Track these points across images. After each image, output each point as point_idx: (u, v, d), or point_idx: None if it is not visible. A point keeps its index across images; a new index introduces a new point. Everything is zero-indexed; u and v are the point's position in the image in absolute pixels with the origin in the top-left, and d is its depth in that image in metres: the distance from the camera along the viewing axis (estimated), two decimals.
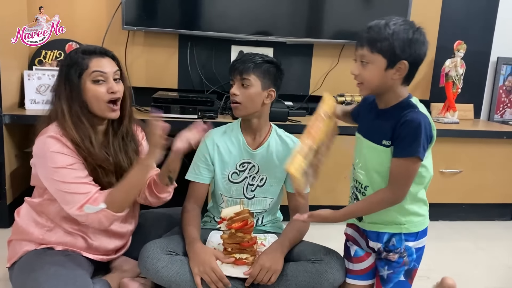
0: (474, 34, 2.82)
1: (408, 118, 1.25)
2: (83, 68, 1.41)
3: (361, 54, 1.28)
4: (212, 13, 2.46)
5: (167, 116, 2.23)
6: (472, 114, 2.92)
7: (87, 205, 1.36)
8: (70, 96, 1.41)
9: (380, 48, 1.23)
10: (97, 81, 1.42)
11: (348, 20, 2.56)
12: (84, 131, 1.42)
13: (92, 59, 1.43)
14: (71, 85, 1.41)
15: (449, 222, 2.54)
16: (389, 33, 1.22)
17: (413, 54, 1.23)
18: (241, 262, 1.48)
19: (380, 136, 1.31)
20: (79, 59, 1.42)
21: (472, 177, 2.50)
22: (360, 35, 1.29)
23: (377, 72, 1.26)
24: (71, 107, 1.41)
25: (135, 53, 2.49)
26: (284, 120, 2.35)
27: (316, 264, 1.47)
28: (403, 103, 1.30)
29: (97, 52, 1.45)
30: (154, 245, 1.49)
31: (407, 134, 1.24)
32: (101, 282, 1.48)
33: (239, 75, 1.57)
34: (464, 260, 2.14)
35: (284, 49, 2.59)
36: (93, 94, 1.42)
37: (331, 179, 2.25)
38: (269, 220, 1.75)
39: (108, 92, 1.43)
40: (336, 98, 2.57)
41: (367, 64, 1.27)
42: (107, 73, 1.44)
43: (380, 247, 1.41)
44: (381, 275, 1.43)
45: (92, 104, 1.43)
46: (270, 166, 1.66)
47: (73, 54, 1.45)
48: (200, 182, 1.66)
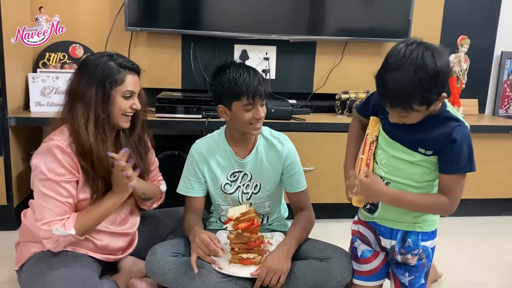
0: (478, 28, 2.80)
1: (459, 136, 1.24)
2: (118, 82, 1.46)
3: (396, 111, 1.23)
4: (214, 12, 2.46)
5: (171, 117, 2.23)
6: (476, 109, 2.90)
7: (56, 227, 1.37)
8: (100, 105, 1.44)
9: (416, 105, 1.18)
10: (125, 97, 1.48)
11: (351, 17, 2.56)
12: (101, 137, 1.45)
13: (128, 75, 1.48)
14: (104, 95, 1.44)
15: (456, 218, 2.53)
16: (417, 89, 1.15)
17: (445, 81, 1.20)
18: (249, 261, 1.48)
19: (415, 143, 1.29)
20: (115, 72, 1.45)
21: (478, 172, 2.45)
22: (384, 97, 1.22)
23: (420, 115, 1.23)
24: (98, 115, 1.44)
25: (138, 53, 2.49)
26: (288, 119, 2.35)
27: (324, 262, 1.47)
28: (443, 114, 1.27)
29: (132, 68, 1.51)
30: (160, 248, 1.49)
31: (461, 152, 1.25)
32: (109, 283, 1.49)
33: (265, 96, 1.54)
34: (472, 255, 2.13)
35: (287, 47, 2.59)
36: (119, 107, 1.48)
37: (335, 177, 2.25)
38: (275, 218, 1.75)
39: (132, 107, 1.51)
40: (340, 96, 2.56)
41: (405, 116, 1.23)
42: (135, 92, 1.52)
43: (394, 245, 1.39)
44: (402, 282, 1.41)
45: (113, 114, 1.48)
46: (262, 172, 1.63)
47: (109, 63, 1.46)
48: (193, 196, 1.64)
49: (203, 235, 1.42)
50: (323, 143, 2.31)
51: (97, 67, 1.44)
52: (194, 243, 1.43)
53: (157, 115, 2.24)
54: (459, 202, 1.30)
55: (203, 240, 1.40)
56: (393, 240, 1.39)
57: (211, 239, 1.41)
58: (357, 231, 1.51)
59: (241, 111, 1.52)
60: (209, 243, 1.40)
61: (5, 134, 2.06)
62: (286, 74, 2.66)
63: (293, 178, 1.64)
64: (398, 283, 1.43)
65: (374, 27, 2.59)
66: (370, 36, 2.59)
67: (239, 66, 1.53)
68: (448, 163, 1.27)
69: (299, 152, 1.68)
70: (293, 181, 1.65)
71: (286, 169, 1.64)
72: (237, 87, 1.49)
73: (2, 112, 2.04)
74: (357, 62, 2.68)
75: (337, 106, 2.62)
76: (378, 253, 1.46)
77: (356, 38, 2.59)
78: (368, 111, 1.44)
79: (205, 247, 1.40)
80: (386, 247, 1.43)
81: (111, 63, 1.46)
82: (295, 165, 1.64)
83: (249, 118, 1.52)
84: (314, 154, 2.30)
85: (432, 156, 1.29)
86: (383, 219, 1.40)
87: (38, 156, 1.42)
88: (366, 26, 2.57)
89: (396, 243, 1.39)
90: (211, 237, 1.42)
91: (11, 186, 2.10)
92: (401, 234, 1.38)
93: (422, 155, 1.29)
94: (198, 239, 1.41)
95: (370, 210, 1.43)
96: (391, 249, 1.41)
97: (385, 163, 1.36)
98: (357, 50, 2.66)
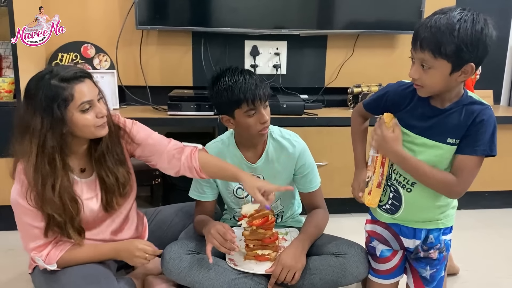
0: (491, 18, 2.74)
1: (485, 117, 1.20)
2: (68, 99, 1.28)
3: (421, 57, 1.15)
4: (224, 8, 2.45)
5: (183, 114, 2.24)
6: (492, 100, 2.86)
7: (37, 258, 1.37)
8: (49, 132, 1.28)
9: (445, 53, 1.11)
10: (84, 110, 1.32)
11: (361, 10, 2.53)
12: (49, 174, 1.31)
13: (75, 87, 1.29)
14: (52, 120, 1.27)
15: (471, 211, 2.51)
16: (455, 35, 1.10)
17: (480, 55, 1.14)
18: (264, 258, 1.48)
19: (444, 134, 1.24)
20: (60, 90, 1.27)
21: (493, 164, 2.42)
22: (419, 35, 1.14)
23: (441, 78, 1.16)
24: (45, 144, 1.29)
25: (149, 52, 2.50)
26: (300, 114, 2.34)
27: (340, 258, 1.47)
28: (466, 99, 1.24)
29: (77, 77, 1.31)
30: (175, 246, 1.50)
31: (485, 132, 1.20)
32: (125, 280, 1.49)
33: (266, 98, 1.50)
34: (487, 248, 2.11)
35: (298, 42, 2.57)
36: (82, 124, 1.32)
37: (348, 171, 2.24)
38: (288, 216, 1.74)
39: (98, 117, 1.34)
40: (352, 89, 2.54)
41: (428, 69, 1.15)
42: (93, 100, 1.33)
43: (418, 244, 1.35)
44: (423, 276, 1.38)
45: (81, 131, 1.34)
46: (274, 175, 1.61)
47: (49, 83, 1.28)
48: (205, 200, 1.64)
49: (219, 226, 1.43)
50: (335, 137, 2.30)
51: (39, 92, 1.27)
52: (209, 234, 1.43)
53: (169, 113, 2.25)
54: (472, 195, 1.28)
55: (218, 230, 1.41)
56: (417, 240, 1.35)
57: (226, 229, 1.41)
58: (373, 231, 1.45)
59: (244, 117, 1.49)
60: (225, 232, 1.40)
61: None
62: (297, 69, 2.64)
63: (305, 178, 1.62)
64: (418, 277, 1.40)
65: (386, 19, 2.56)
66: (382, 29, 2.57)
67: (233, 72, 1.49)
68: (470, 143, 1.22)
69: (312, 147, 1.66)
70: (306, 181, 1.63)
71: (298, 170, 1.61)
72: (234, 95, 1.45)
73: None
74: (369, 55, 2.65)
75: (350, 100, 2.60)
76: (396, 251, 1.42)
77: (368, 31, 2.56)
78: (379, 109, 1.38)
79: (220, 237, 1.40)
80: (409, 247, 1.38)
81: (53, 82, 1.27)
82: (308, 166, 1.61)
83: (254, 124, 1.49)
84: (327, 149, 2.29)
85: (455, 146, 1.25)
86: (406, 220, 1.35)
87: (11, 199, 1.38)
88: (377, 18, 2.54)
89: (420, 242, 1.35)
90: (225, 227, 1.42)
91: None
92: (424, 233, 1.34)
93: (451, 145, 1.24)
94: (214, 229, 1.42)
95: (390, 211, 1.37)
96: (414, 247, 1.37)
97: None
98: (369, 43, 2.64)
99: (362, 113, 1.46)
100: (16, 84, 2.05)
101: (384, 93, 1.36)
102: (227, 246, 1.41)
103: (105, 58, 2.44)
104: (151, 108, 2.46)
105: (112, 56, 2.45)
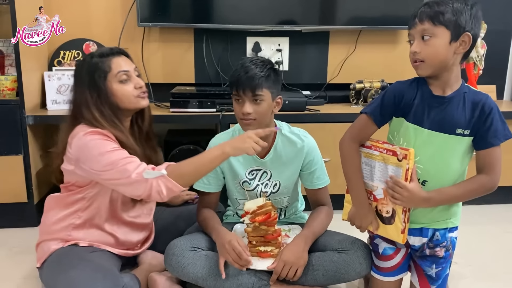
0: (494, 13, 2.74)
1: (493, 104, 1.24)
2: (106, 71, 1.44)
3: (421, 29, 1.21)
4: (226, 5, 2.45)
5: (186, 111, 2.24)
6: (495, 95, 2.85)
7: (147, 171, 1.34)
8: (100, 102, 1.43)
9: (444, 20, 1.18)
10: (122, 81, 1.46)
11: (363, 5, 2.52)
12: (121, 129, 1.46)
13: (112, 60, 1.46)
14: (98, 90, 1.43)
15: (475, 206, 2.50)
16: (450, 5, 1.19)
17: (474, 28, 1.20)
18: (266, 254, 1.48)
19: (452, 125, 1.25)
20: (100, 63, 1.44)
21: None
22: (417, 13, 1.22)
23: (442, 46, 1.20)
24: (102, 112, 1.43)
25: (151, 49, 2.50)
26: (302, 110, 2.34)
27: (343, 254, 1.46)
28: (464, 87, 1.27)
29: (114, 52, 1.48)
30: (179, 243, 1.50)
31: (498, 120, 1.24)
32: (129, 276, 1.50)
33: (251, 92, 1.46)
34: (492, 244, 2.10)
35: (300, 38, 2.57)
36: (122, 94, 1.46)
37: None
38: (292, 212, 1.75)
39: (136, 87, 1.48)
40: (354, 85, 2.54)
41: (429, 38, 1.20)
42: (130, 71, 1.48)
43: (424, 242, 1.34)
44: (428, 274, 1.37)
45: (122, 102, 1.47)
46: (282, 171, 1.61)
47: (90, 59, 1.45)
48: (210, 191, 1.64)
49: (234, 243, 1.41)
50: (338, 133, 2.24)
51: (83, 70, 1.45)
52: (223, 248, 1.42)
53: (171, 110, 2.25)
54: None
55: (234, 249, 1.40)
56: (423, 237, 1.34)
57: (242, 248, 1.41)
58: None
59: (233, 100, 1.52)
60: (241, 252, 1.39)
61: (23, 132, 2.09)
62: (300, 65, 2.64)
63: (313, 175, 1.62)
64: (423, 275, 1.39)
65: (388, 14, 2.55)
66: (384, 24, 2.56)
67: (250, 59, 1.51)
68: (489, 136, 1.24)
69: None
70: (313, 178, 1.62)
71: (306, 165, 1.61)
72: (232, 76, 1.51)
73: (20, 111, 2.07)
74: (371, 51, 2.65)
75: (352, 96, 2.59)
76: (399, 249, 1.41)
77: (370, 26, 2.55)
78: (384, 115, 1.31)
79: (235, 255, 1.40)
80: (414, 245, 1.36)
81: (93, 60, 1.45)
82: (316, 162, 1.61)
83: (237, 111, 1.51)
84: (330, 145, 2.27)
85: (468, 137, 1.25)
86: (416, 222, 1.33)
87: (79, 150, 1.40)
88: (379, 14, 2.54)
89: (427, 239, 1.34)
90: (240, 243, 1.41)
91: (31, 184, 2.14)
92: (431, 230, 1.33)
93: (461, 136, 1.25)
94: (229, 246, 1.40)
95: None
96: (420, 245, 1.36)
97: (421, 159, 1.27)
98: (371, 39, 2.63)
99: (359, 137, 1.35)
100: (18, 82, 2.05)
101: (389, 93, 1.31)
102: (241, 264, 1.41)
103: None
104: (154, 105, 2.46)
105: None
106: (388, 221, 1.32)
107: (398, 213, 1.29)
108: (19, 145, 2.10)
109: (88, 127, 1.41)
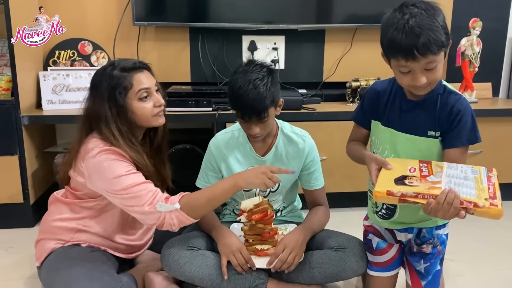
0: (490, 10, 2.74)
1: (461, 107, 1.22)
2: (127, 87, 1.40)
3: (425, 62, 1.13)
4: (221, 4, 2.44)
5: (182, 110, 2.23)
6: (490, 93, 2.86)
7: (160, 203, 1.32)
8: (119, 120, 1.40)
9: (442, 43, 1.12)
10: (142, 98, 1.42)
11: (359, 3, 2.52)
12: (137, 149, 1.42)
13: (134, 76, 1.41)
14: (118, 107, 1.39)
15: None
16: (436, 24, 1.11)
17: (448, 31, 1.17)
18: (263, 253, 1.48)
19: (423, 127, 1.26)
20: (121, 79, 1.39)
21: (493, 156, 2.45)
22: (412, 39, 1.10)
23: (442, 64, 1.17)
24: (121, 130, 1.40)
25: (146, 48, 2.50)
26: (298, 108, 2.34)
27: (339, 252, 1.47)
28: (441, 88, 1.25)
29: (137, 67, 1.43)
30: (175, 242, 1.50)
31: (466, 122, 1.22)
32: (127, 277, 1.50)
33: (257, 117, 1.43)
34: (488, 241, 2.11)
35: (296, 36, 2.57)
36: (141, 113, 1.43)
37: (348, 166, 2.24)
38: (289, 210, 1.74)
39: (156, 106, 1.45)
40: (350, 84, 2.54)
41: (435, 66, 1.15)
42: (151, 88, 1.44)
43: (410, 238, 1.37)
44: (417, 270, 1.39)
45: (140, 120, 1.44)
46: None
47: (111, 71, 1.40)
48: None
49: (242, 247, 1.45)
50: (335, 132, 2.30)
51: (102, 82, 1.40)
52: (231, 255, 1.43)
53: (167, 109, 2.24)
54: None
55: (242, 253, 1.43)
56: (409, 234, 1.37)
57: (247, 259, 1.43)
58: (371, 226, 1.48)
59: (240, 121, 1.51)
60: (250, 259, 1.43)
61: (19, 132, 2.08)
62: (296, 64, 2.64)
63: (312, 175, 1.62)
64: (413, 271, 1.41)
65: (384, 12, 2.54)
66: (380, 22, 2.54)
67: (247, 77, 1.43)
68: (454, 136, 1.24)
69: None
70: (311, 178, 1.63)
71: (306, 166, 1.61)
72: (232, 98, 1.45)
73: (15, 111, 2.06)
74: (367, 49, 2.65)
75: (348, 94, 2.59)
76: (392, 244, 1.44)
77: (366, 24, 2.55)
78: (366, 118, 1.38)
79: (242, 258, 1.42)
80: (402, 240, 1.41)
81: (115, 72, 1.40)
82: (315, 163, 1.62)
83: (244, 128, 1.51)
84: (326, 143, 2.29)
85: (438, 139, 1.26)
86: (402, 222, 1.35)
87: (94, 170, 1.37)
88: (375, 12, 2.53)
89: (412, 236, 1.37)
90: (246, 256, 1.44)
91: (27, 184, 2.13)
92: (417, 228, 1.35)
93: (432, 138, 1.26)
94: (236, 249, 1.43)
95: (387, 215, 1.37)
96: (407, 241, 1.39)
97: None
98: (367, 37, 2.63)
99: (355, 140, 1.45)
100: (13, 82, 2.04)
101: (367, 96, 1.38)
102: (244, 268, 1.43)
103: (103, 55, 2.44)
104: None
105: (110, 53, 2.44)
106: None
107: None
108: (15, 146, 2.09)
109: (102, 142, 1.39)
